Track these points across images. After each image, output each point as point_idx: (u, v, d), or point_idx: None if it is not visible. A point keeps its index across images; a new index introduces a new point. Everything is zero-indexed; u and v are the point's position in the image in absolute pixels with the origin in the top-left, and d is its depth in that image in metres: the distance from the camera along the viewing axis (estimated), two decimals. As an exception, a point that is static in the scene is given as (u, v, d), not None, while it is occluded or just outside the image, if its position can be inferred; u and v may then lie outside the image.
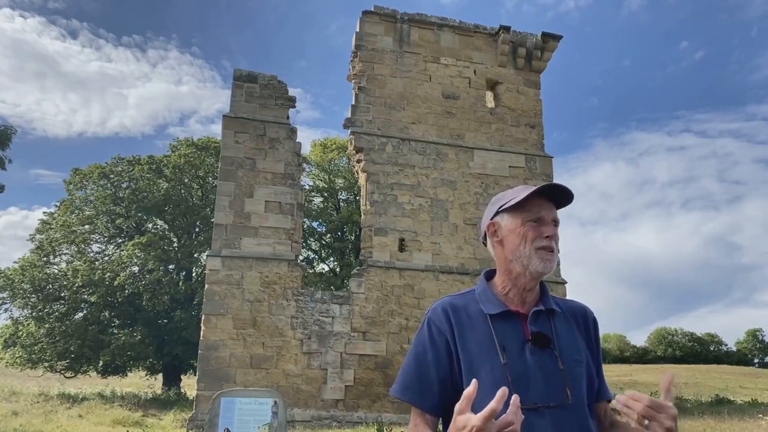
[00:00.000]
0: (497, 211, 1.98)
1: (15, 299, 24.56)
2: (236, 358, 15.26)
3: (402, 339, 16.43)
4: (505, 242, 1.95)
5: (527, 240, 1.89)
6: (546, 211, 1.92)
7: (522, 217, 1.92)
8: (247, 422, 7.31)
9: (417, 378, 1.90)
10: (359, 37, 18.75)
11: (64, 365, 24.71)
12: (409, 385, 1.90)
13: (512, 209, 1.94)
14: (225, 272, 15.79)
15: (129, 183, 27.03)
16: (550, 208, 1.94)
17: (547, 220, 1.92)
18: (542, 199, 1.93)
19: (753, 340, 77.40)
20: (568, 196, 1.95)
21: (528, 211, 1.91)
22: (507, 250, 1.94)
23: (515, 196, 1.95)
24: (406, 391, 1.90)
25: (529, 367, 1.81)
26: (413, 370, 1.91)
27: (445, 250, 17.55)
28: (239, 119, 17.05)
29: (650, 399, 1.59)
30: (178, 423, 15.51)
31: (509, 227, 1.94)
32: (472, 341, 1.85)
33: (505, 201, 1.97)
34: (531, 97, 19.85)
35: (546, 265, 1.88)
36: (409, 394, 1.89)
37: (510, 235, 1.93)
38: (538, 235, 1.89)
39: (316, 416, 15.21)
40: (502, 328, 1.86)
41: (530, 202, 1.92)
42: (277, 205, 16.69)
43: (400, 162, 17.91)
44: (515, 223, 1.93)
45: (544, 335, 1.88)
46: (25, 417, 15.33)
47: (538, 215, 1.91)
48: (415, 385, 1.89)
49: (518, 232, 1.91)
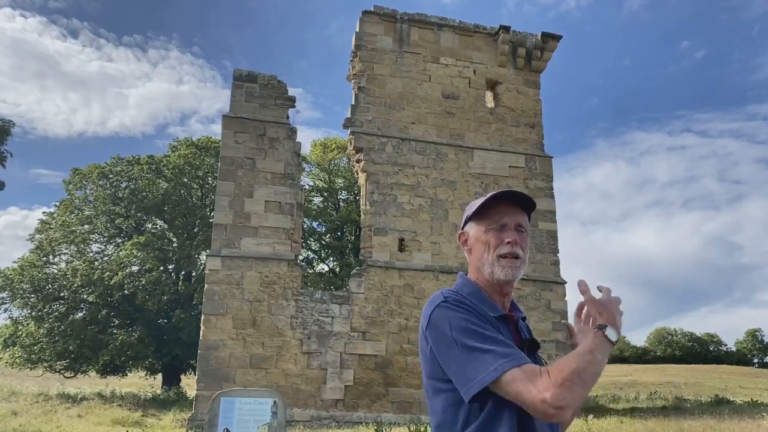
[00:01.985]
0: (465, 220, 2.03)
1: (14, 299, 24.56)
2: (236, 358, 15.25)
3: (402, 339, 16.42)
4: (473, 250, 1.99)
5: (490, 248, 1.92)
6: (509, 217, 1.94)
7: (485, 225, 1.95)
8: (247, 422, 7.31)
9: (503, 341, 1.74)
10: (359, 37, 18.75)
11: (64, 365, 24.71)
12: (507, 355, 1.69)
13: (476, 218, 1.98)
14: (225, 272, 15.78)
15: (128, 183, 27.03)
16: (515, 213, 1.95)
17: (510, 226, 1.93)
18: (508, 205, 1.95)
19: (753, 340, 77.39)
20: (528, 200, 1.97)
21: (490, 219, 1.94)
22: (475, 258, 1.98)
23: (477, 204, 1.98)
24: (512, 361, 1.67)
25: None
26: (494, 342, 1.72)
27: (445, 250, 17.55)
28: (239, 119, 17.04)
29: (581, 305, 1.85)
30: (177, 423, 15.51)
31: (475, 236, 1.98)
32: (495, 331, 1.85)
33: (471, 210, 2.00)
34: (531, 97, 19.84)
35: (508, 272, 1.90)
36: (517, 359, 1.69)
37: (476, 243, 1.97)
38: (500, 242, 1.91)
39: (316, 416, 15.21)
40: (504, 330, 1.88)
41: (494, 209, 1.94)
42: (277, 205, 16.68)
43: (400, 162, 17.91)
44: (479, 231, 1.96)
45: (536, 341, 1.97)
46: (24, 417, 15.33)
47: (500, 222, 1.93)
48: (512, 350, 1.72)
49: (482, 240, 1.95)
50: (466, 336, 1.74)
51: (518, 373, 1.65)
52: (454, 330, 1.77)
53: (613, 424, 13.15)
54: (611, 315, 1.74)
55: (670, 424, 12.97)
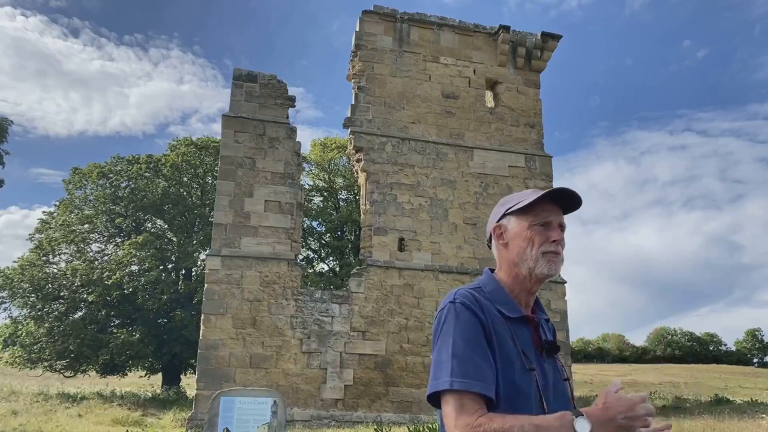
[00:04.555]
0: (504, 213, 1.97)
1: (14, 299, 24.58)
2: (236, 358, 15.26)
3: (401, 338, 16.43)
4: (511, 245, 1.93)
5: (534, 244, 1.88)
6: (554, 215, 1.92)
7: (529, 220, 1.91)
8: (247, 422, 7.31)
9: (482, 361, 1.70)
10: (359, 37, 18.75)
11: (64, 365, 24.73)
12: (470, 374, 1.67)
13: (519, 212, 1.93)
14: (224, 272, 15.78)
15: (128, 182, 27.04)
16: (557, 212, 1.93)
17: (554, 224, 1.91)
18: (550, 203, 1.92)
19: (752, 339, 77.42)
20: (576, 202, 1.93)
21: (535, 215, 1.90)
22: (513, 253, 1.92)
23: (523, 199, 1.94)
24: (470, 383, 1.65)
25: (547, 375, 1.83)
26: (471, 357, 1.70)
27: (445, 249, 17.55)
28: (239, 119, 17.04)
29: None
30: (177, 422, 15.51)
31: (515, 230, 1.93)
32: (502, 340, 1.80)
33: (513, 203, 1.96)
34: (531, 96, 19.85)
35: (552, 267, 1.88)
36: (475, 384, 1.66)
37: (516, 238, 1.92)
38: (546, 239, 1.89)
39: (316, 416, 15.21)
40: (520, 332, 1.85)
41: (538, 206, 1.90)
42: (277, 204, 16.68)
43: (400, 161, 17.91)
44: (522, 227, 1.91)
45: (556, 345, 1.91)
46: (24, 416, 15.33)
47: (545, 219, 1.90)
48: (479, 371, 1.68)
49: (525, 236, 1.90)
50: (451, 343, 1.74)
51: (457, 399, 1.65)
52: (443, 334, 1.78)
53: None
54: (605, 411, 1.61)
55: (670, 424, 12.96)
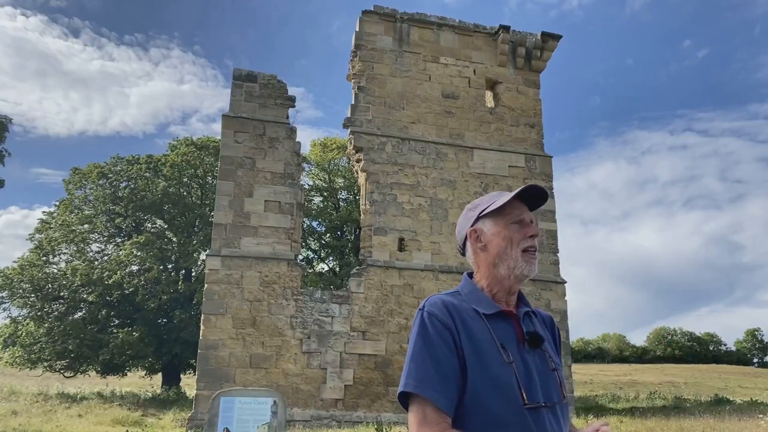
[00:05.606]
0: (478, 216, 2.02)
1: (14, 299, 24.57)
2: (236, 358, 15.25)
3: (401, 338, 16.42)
4: (490, 246, 1.97)
5: (513, 242, 1.93)
6: (525, 213, 1.99)
7: (505, 220, 1.96)
8: (247, 422, 7.31)
9: (434, 373, 1.74)
10: (359, 37, 18.75)
11: (64, 365, 24.73)
12: (426, 380, 1.73)
13: (494, 214, 1.98)
14: (224, 272, 15.78)
15: (128, 182, 27.04)
16: (526, 209, 2.00)
17: (527, 220, 1.97)
18: (519, 201, 1.99)
19: (752, 339, 77.48)
20: (542, 198, 2.00)
21: (509, 215, 1.97)
22: (492, 254, 1.96)
23: (493, 201, 1.99)
24: (423, 387, 1.72)
25: (529, 366, 1.84)
26: (428, 364, 1.75)
27: (445, 249, 17.55)
28: (239, 119, 17.04)
29: None
30: (177, 422, 15.51)
31: (493, 231, 1.97)
32: (476, 339, 1.83)
33: (484, 206, 2.01)
34: (530, 96, 19.85)
35: (530, 267, 1.94)
36: (429, 390, 1.71)
37: (495, 238, 1.96)
38: (523, 236, 1.94)
39: (316, 416, 15.21)
40: (498, 327, 1.87)
41: (510, 205, 1.97)
42: (277, 204, 16.68)
43: (400, 161, 17.91)
44: (499, 227, 1.96)
45: (539, 336, 1.92)
46: (24, 416, 15.33)
47: (519, 217, 1.96)
48: (433, 381, 1.73)
49: (503, 235, 1.95)
50: (412, 351, 1.82)
51: (420, 409, 1.72)
52: (410, 342, 1.86)
53: (613, 423, 13.15)
54: None
55: (670, 423, 12.99)
